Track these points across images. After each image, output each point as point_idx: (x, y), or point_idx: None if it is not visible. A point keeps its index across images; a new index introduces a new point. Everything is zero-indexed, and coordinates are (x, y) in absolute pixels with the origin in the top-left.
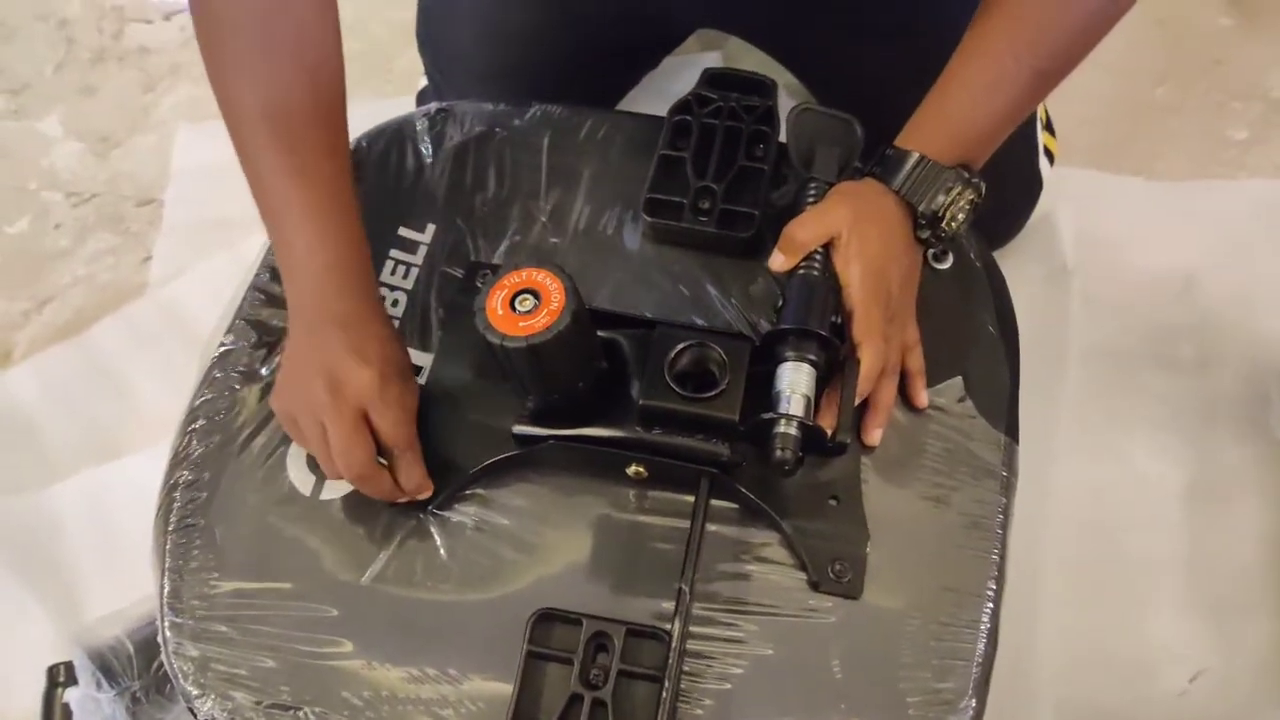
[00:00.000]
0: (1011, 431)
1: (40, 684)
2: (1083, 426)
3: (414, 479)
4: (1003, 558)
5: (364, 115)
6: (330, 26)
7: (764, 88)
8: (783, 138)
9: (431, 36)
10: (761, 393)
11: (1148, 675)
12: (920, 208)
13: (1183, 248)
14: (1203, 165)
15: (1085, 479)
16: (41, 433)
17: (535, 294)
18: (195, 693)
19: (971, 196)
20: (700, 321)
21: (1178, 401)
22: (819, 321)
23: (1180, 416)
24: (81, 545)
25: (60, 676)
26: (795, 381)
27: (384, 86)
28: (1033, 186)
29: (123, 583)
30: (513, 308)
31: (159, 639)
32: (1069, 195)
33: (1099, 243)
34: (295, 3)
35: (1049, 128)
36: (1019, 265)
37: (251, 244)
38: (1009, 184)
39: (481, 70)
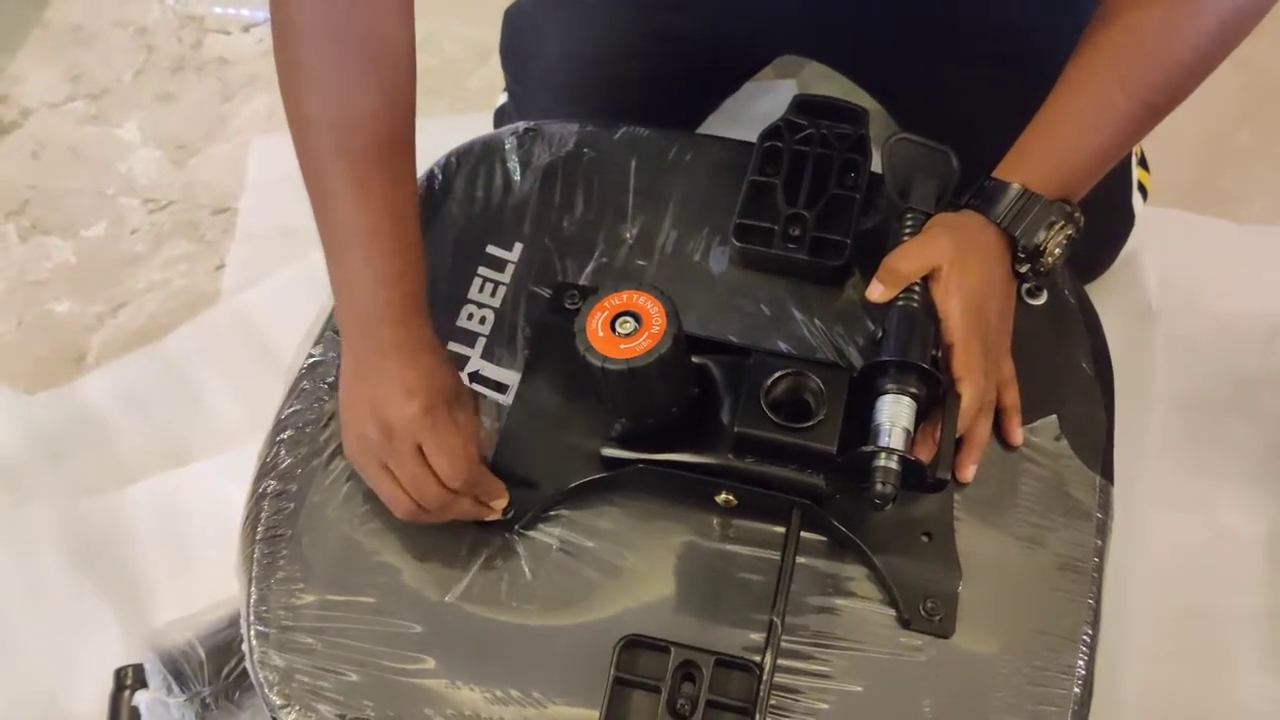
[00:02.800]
0: (1107, 473)
1: (107, 686)
2: (1165, 474)
3: (491, 495)
4: (1098, 602)
5: (439, 132)
6: (407, 43)
7: (855, 115)
8: (873, 166)
9: (516, 51)
10: (856, 424)
11: None
12: (1021, 241)
13: (1269, 293)
14: None
15: (1167, 527)
16: (114, 436)
17: (636, 316)
18: (280, 703)
19: (1070, 232)
20: (787, 348)
21: (1261, 452)
22: (920, 354)
23: (1263, 467)
24: (150, 549)
25: (128, 679)
26: (896, 415)
27: (457, 104)
28: (1125, 221)
29: (190, 588)
30: (613, 330)
31: (244, 647)
32: (1154, 235)
33: (1184, 285)
34: (376, 10)
35: (1143, 163)
36: (1102, 304)
37: (322, 255)
38: (1101, 217)
39: (564, 87)
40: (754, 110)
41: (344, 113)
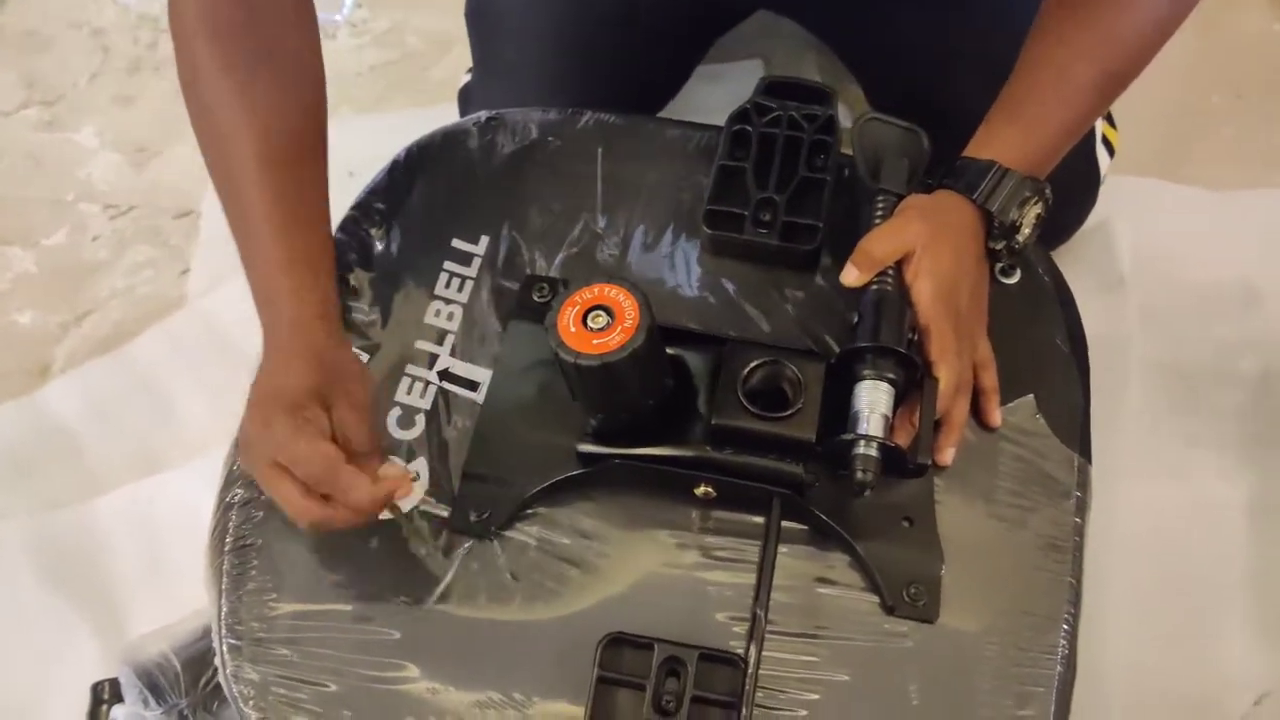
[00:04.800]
0: (1084, 451)
1: (84, 702)
2: (1142, 444)
3: (353, 492)
4: (1079, 580)
5: (401, 125)
6: (311, 51)
7: (823, 96)
8: (843, 148)
9: (480, 8)
10: (834, 411)
11: (1213, 698)
12: (998, 218)
13: (1242, 259)
14: (1259, 174)
15: (1146, 498)
16: (81, 447)
17: (609, 310)
18: (257, 717)
19: (1040, 210)
20: (762, 336)
21: (1239, 417)
22: (896, 338)
23: (1242, 433)
24: (123, 561)
25: (105, 694)
26: (874, 401)
27: (419, 96)
28: (1090, 176)
29: (166, 598)
30: (585, 325)
31: (217, 660)
32: (1124, 205)
33: (1156, 254)
34: (274, 21)
35: (1108, 118)
36: (1074, 276)
37: None
38: (1066, 175)
39: (531, 34)
40: (722, 94)
41: (242, 120)
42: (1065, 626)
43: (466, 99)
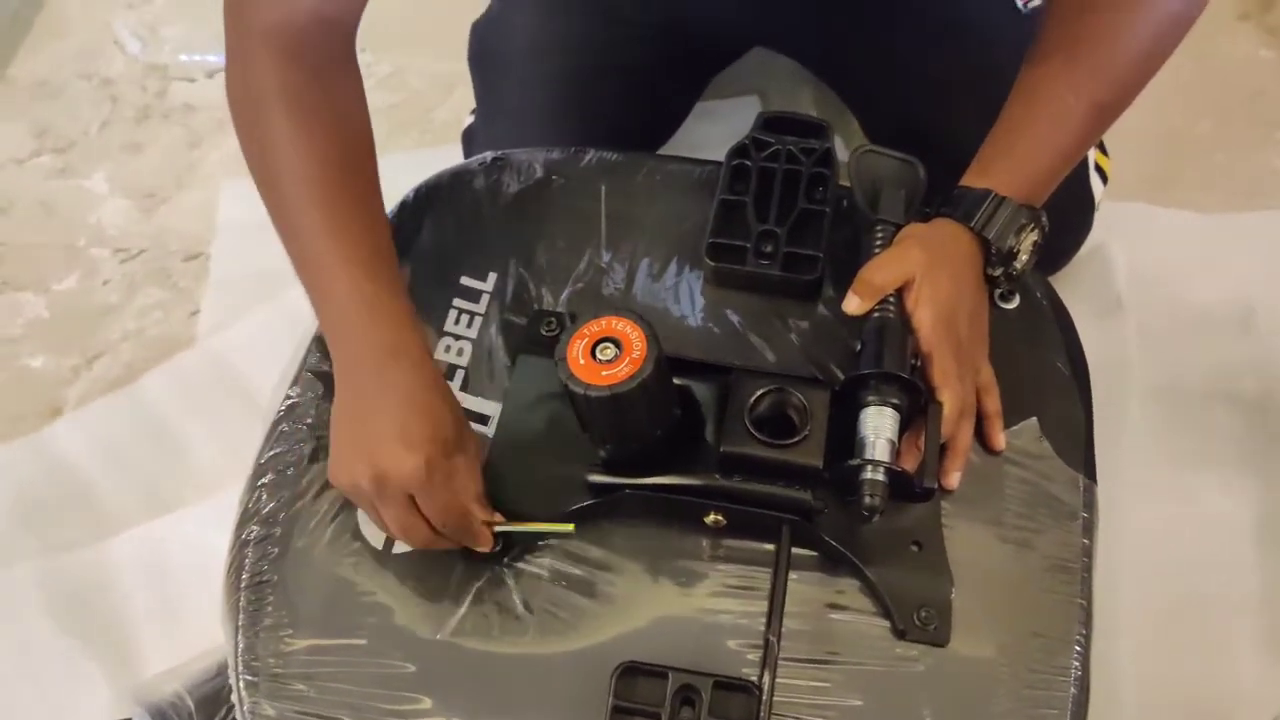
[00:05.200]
0: (1089, 472)
1: None
2: (1147, 467)
3: (476, 543)
4: (1089, 601)
5: (407, 165)
6: (360, 98)
7: (820, 130)
8: (841, 179)
9: (484, 53)
10: (840, 437)
11: (1224, 716)
12: (995, 245)
13: (1238, 280)
14: (1250, 197)
15: (1153, 520)
16: (93, 488)
17: (616, 342)
18: None
19: (1036, 237)
20: (767, 365)
21: (1242, 437)
22: (899, 364)
23: (1246, 452)
24: (136, 601)
25: None
26: (879, 426)
27: (424, 137)
28: (1085, 205)
29: (179, 638)
30: (594, 357)
31: (234, 697)
32: (1119, 230)
33: (1152, 278)
34: (326, 70)
35: (1101, 147)
36: (1072, 301)
37: (297, 294)
38: (1061, 200)
39: (533, 79)
40: (721, 129)
41: (312, 166)
42: (1077, 648)
43: (470, 140)
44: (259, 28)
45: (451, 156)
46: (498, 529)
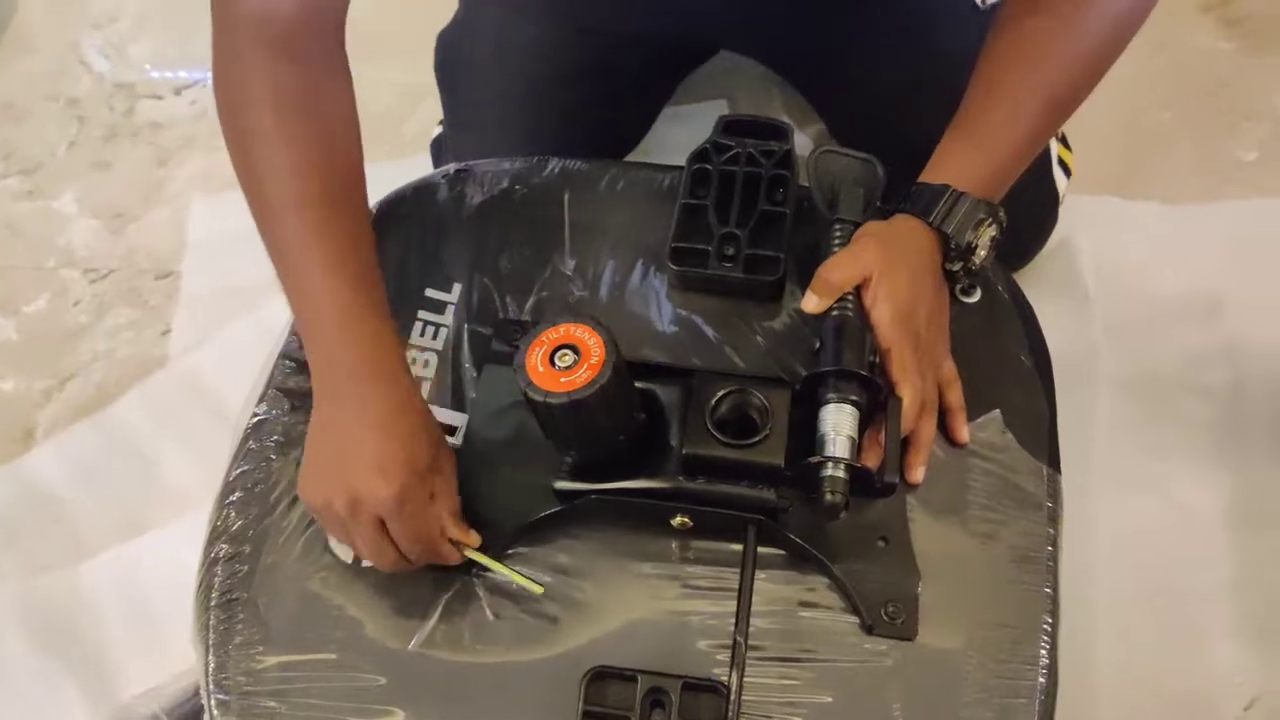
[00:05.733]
0: (1053, 462)
1: None
2: (1118, 458)
3: (447, 562)
4: (1055, 590)
5: (377, 178)
6: (350, 103)
7: (780, 132)
8: (802, 180)
9: (450, 61)
10: (803, 436)
11: (1202, 705)
12: (954, 240)
13: (1204, 270)
14: (1215, 187)
15: (1124, 511)
16: (67, 511)
17: (574, 349)
18: None
19: (994, 232)
20: (730, 367)
21: (1212, 426)
22: (857, 361)
23: (1216, 441)
24: (113, 623)
25: None
26: (839, 423)
27: (393, 151)
28: (1048, 197)
29: (157, 659)
30: (553, 363)
31: (205, 718)
32: (1085, 223)
33: (1119, 269)
34: (314, 65)
35: (1063, 140)
36: (1039, 297)
37: (269, 310)
38: (1026, 198)
39: (499, 83)
40: (689, 133)
41: (295, 174)
42: (1044, 637)
43: (439, 150)
44: (245, 18)
45: (421, 168)
46: (468, 554)
